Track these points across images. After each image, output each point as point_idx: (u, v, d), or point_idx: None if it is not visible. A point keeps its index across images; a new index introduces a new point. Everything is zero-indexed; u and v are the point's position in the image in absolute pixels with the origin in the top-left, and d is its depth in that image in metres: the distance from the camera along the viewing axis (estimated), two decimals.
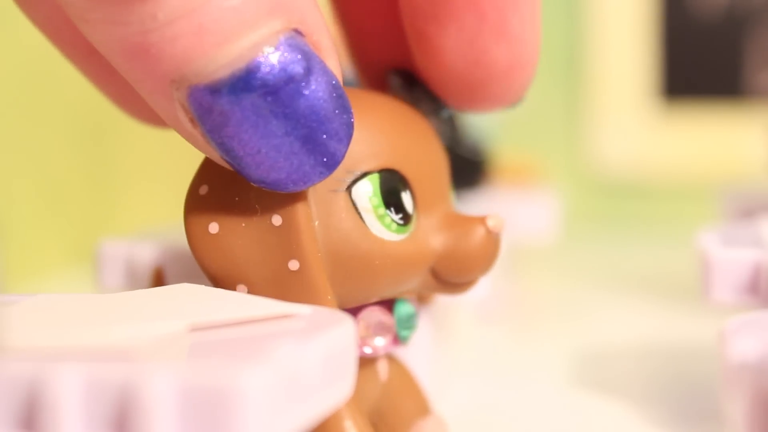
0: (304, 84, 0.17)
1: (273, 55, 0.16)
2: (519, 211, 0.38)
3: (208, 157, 0.18)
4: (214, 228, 0.18)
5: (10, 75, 0.44)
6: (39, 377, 0.14)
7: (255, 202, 0.18)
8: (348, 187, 0.19)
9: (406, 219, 0.19)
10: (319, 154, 0.17)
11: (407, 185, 0.19)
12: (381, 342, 0.20)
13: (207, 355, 0.15)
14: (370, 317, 0.19)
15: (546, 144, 0.70)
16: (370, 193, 0.19)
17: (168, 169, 0.55)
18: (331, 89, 0.17)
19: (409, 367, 0.21)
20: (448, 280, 0.20)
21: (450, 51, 0.20)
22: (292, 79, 0.17)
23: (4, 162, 0.43)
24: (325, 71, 0.17)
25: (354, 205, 0.19)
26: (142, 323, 0.16)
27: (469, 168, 0.37)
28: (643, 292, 0.45)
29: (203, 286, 0.18)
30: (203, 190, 0.18)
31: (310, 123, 0.17)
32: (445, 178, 0.20)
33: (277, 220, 0.18)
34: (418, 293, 0.20)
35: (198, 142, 0.17)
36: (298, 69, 0.17)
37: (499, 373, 0.33)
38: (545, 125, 0.71)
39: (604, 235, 0.65)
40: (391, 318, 0.20)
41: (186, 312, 0.16)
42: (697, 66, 0.70)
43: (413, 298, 0.21)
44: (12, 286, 0.41)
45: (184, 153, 0.18)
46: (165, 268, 0.23)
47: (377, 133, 0.19)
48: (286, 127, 0.17)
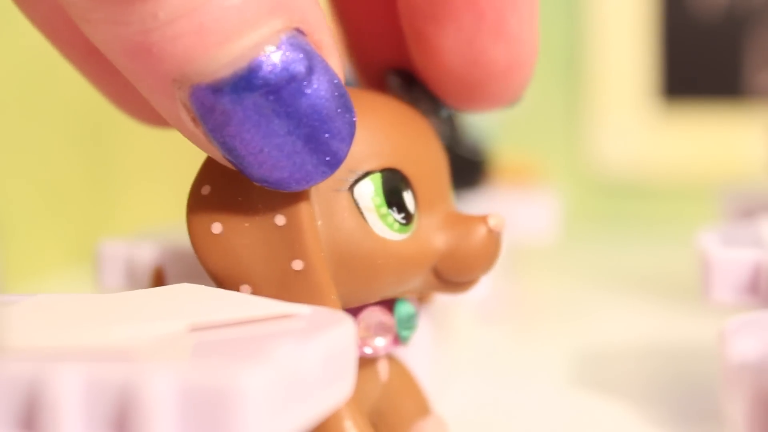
0: (306, 83, 0.17)
1: (275, 54, 0.16)
2: (519, 211, 0.38)
3: (210, 157, 0.18)
4: (217, 228, 0.18)
5: (10, 75, 0.44)
6: (39, 377, 0.14)
7: (258, 201, 0.18)
8: (350, 187, 0.19)
9: (408, 218, 0.19)
10: (322, 153, 0.17)
11: (408, 185, 0.19)
12: (381, 342, 0.20)
13: (207, 355, 0.15)
14: (370, 317, 0.19)
15: (546, 144, 0.70)
16: (372, 192, 0.19)
17: (168, 169, 0.55)
18: (333, 88, 0.17)
19: (409, 367, 0.21)
20: (450, 279, 0.20)
21: (448, 51, 0.20)
22: (293, 78, 0.17)
23: (4, 162, 0.43)
24: (327, 70, 0.17)
25: (356, 205, 0.19)
26: (142, 323, 0.16)
27: (469, 168, 0.37)
28: (643, 292, 0.45)
29: (203, 286, 0.18)
30: (205, 190, 0.18)
31: (312, 122, 0.17)
32: (446, 177, 0.20)
33: (280, 219, 0.18)
34: (419, 293, 0.20)
35: (200, 142, 0.17)
36: (300, 68, 0.17)
37: (499, 373, 0.33)
38: (545, 125, 0.71)
39: (604, 235, 0.65)
40: (392, 318, 0.20)
41: (186, 312, 0.16)
42: (697, 66, 0.70)
43: (413, 298, 0.21)
44: (12, 286, 0.41)
45: (184, 153, 0.18)
46: (165, 268, 0.23)
47: (379, 132, 0.19)
48: (288, 126, 0.17)
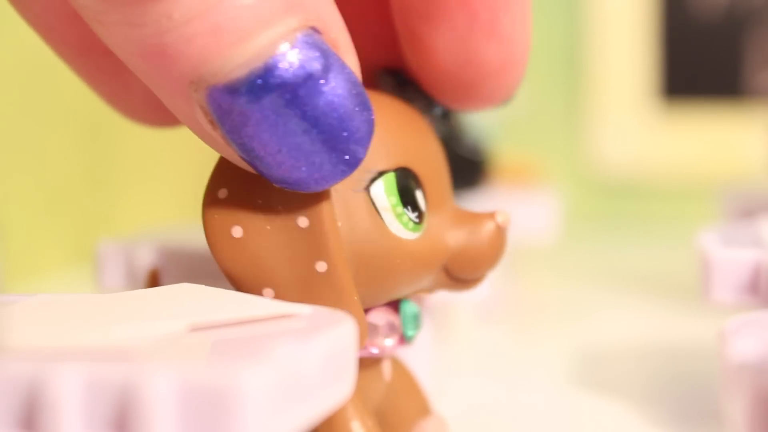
0: (322, 81, 0.16)
1: (291, 53, 0.16)
2: (519, 211, 0.38)
3: (223, 160, 0.18)
4: (238, 232, 0.18)
5: (9, 75, 0.44)
6: (39, 377, 0.14)
7: (278, 203, 0.18)
8: (367, 187, 0.19)
9: (421, 217, 0.19)
10: (341, 152, 0.17)
11: (419, 183, 0.19)
12: (390, 342, 0.20)
13: (207, 355, 0.15)
14: (379, 318, 0.19)
15: (546, 144, 0.70)
16: (388, 191, 0.19)
17: (168, 169, 0.55)
18: (350, 86, 0.17)
19: (410, 367, 0.21)
20: (460, 276, 0.20)
21: (441, 50, 0.20)
22: (310, 77, 0.16)
23: (4, 162, 0.43)
24: (344, 68, 0.17)
25: (373, 205, 0.19)
26: (142, 323, 0.16)
27: (469, 168, 0.37)
28: (643, 292, 0.45)
29: (203, 286, 0.18)
30: (222, 194, 0.18)
31: (330, 121, 0.17)
32: (447, 175, 0.20)
33: (303, 221, 0.18)
34: (429, 292, 0.20)
35: (217, 144, 0.17)
36: (317, 66, 0.16)
37: (499, 373, 0.33)
38: (545, 125, 0.71)
39: (604, 235, 0.65)
40: (398, 318, 0.20)
41: (186, 312, 0.16)
42: (697, 66, 0.70)
43: (416, 299, 0.21)
44: (12, 286, 0.41)
45: (185, 153, 0.17)
46: (162, 269, 0.23)
47: (389, 131, 0.19)
48: (305, 125, 0.17)
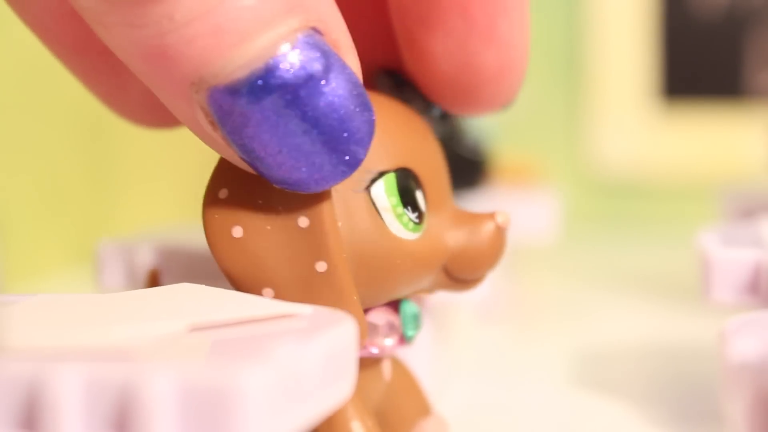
0: (323, 82, 0.16)
1: (291, 54, 0.16)
2: (519, 211, 0.38)
3: (224, 160, 0.18)
4: (238, 232, 0.18)
5: (9, 74, 0.44)
6: (39, 377, 0.14)
7: (278, 203, 0.18)
8: (367, 187, 0.19)
9: (421, 217, 0.19)
10: (341, 153, 0.17)
11: (419, 184, 0.19)
12: (390, 342, 0.20)
13: (207, 355, 0.15)
14: (379, 318, 0.19)
15: (546, 144, 0.70)
16: (389, 192, 0.19)
17: (168, 169, 0.55)
18: (350, 87, 0.17)
19: (410, 367, 0.21)
20: (460, 276, 0.20)
21: (439, 55, 0.20)
22: (311, 78, 0.16)
23: (4, 162, 0.43)
24: (344, 69, 0.17)
25: (374, 205, 0.19)
26: (142, 323, 0.16)
27: (469, 168, 0.37)
28: (643, 292, 0.45)
29: (203, 286, 0.18)
30: (223, 194, 0.18)
31: (330, 121, 0.17)
32: (446, 175, 0.20)
33: (303, 221, 0.18)
34: (428, 292, 0.20)
35: (218, 145, 0.17)
36: (318, 67, 0.16)
37: (499, 373, 0.33)
38: (545, 125, 0.71)
39: (604, 235, 0.65)
40: (398, 318, 0.20)
41: (186, 312, 0.16)
42: (697, 66, 0.70)
43: (416, 299, 0.21)
44: (12, 286, 0.41)
45: (185, 153, 0.17)
46: (162, 269, 0.23)
47: (390, 132, 0.19)
48: (306, 126, 0.17)
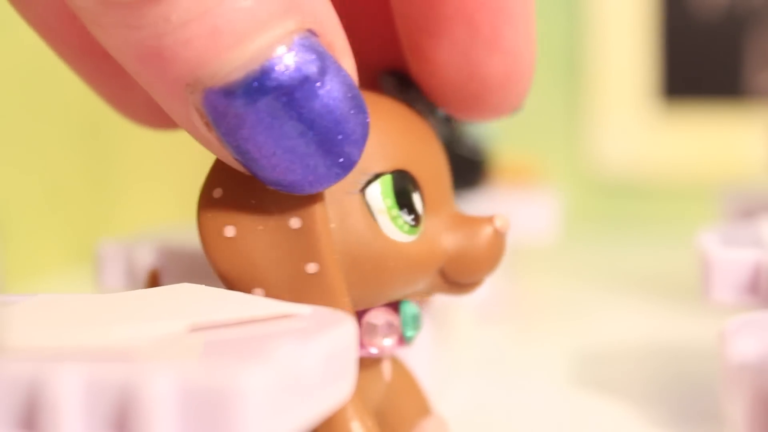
0: (318, 84, 0.17)
1: (287, 56, 0.16)
2: (519, 211, 0.38)
3: (219, 160, 0.18)
4: (231, 231, 0.18)
5: (9, 74, 0.44)
6: (39, 377, 0.14)
7: (271, 204, 0.18)
8: (362, 189, 0.19)
9: (417, 220, 0.19)
10: (336, 155, 0.17)
11: (417, 186, 0.19)
12: (388, 342, 0.20)
13: (207, 355, 0.15)
14: (377, 318, 0.19)
15: (546, 144, 0.70)
16: (384, 194, 0.19)
17: (168, 169, 0.55)
18: (345, 89, 0.17)
19: (410, 367, 0.21)
20: (456, 280, 0.20)
21: (444, 63, 0.20)
22: (306, 80, 0.16)
23: (5, 161, 0.43)
24: (340, 71, 0.17)
25: (368, 207, 0.19)
26: (142, 323, 0.16)
27: (469, 168, 0.37)
28: (643, 292, 0.45)
29: (203, 286, 0.18)
30: (217, 193, 0.18)
31: (325, 123, 0.17)
32: (448, 178, 0.20)
33: (295, 222, 0.18)
34: (424, 295, 0.20)
35: (213, 146, 0.17)
36: (313, 69, 0.16)
37: (499, 373, 0.33)
38: (545, 125, 0.71)
39: (604, 235, 0.65)
40: (397, 318, 0.20)
41: (186, 312, 0.16)
42: (697, 66, 0.70)
43: (416, 300, 0.21)
44: (12, 286, 0.41)
45: (185, 153, 0.18)
46: (162, 269, 0.23)
47: (387, 134, 0.19)
48: (301, 128, 0.17)
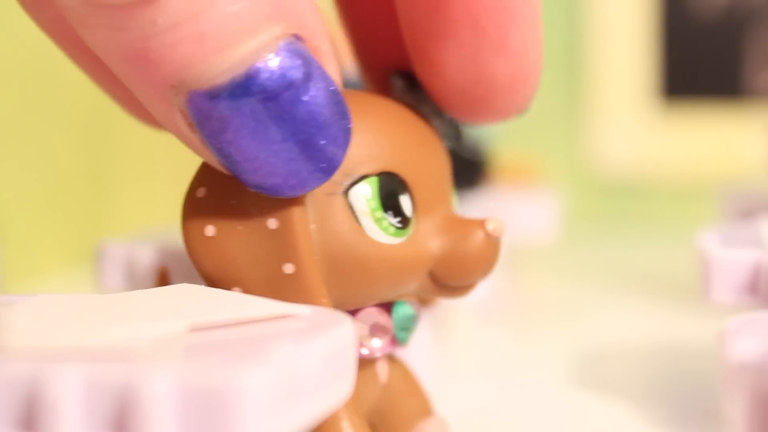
0: (303, 90, 0.17)
1: (273, 61, 0.16)
2: (519, 211, 0.38)
3: None
4: (211, 231, 0.18)
5: (10, 74, 0.44)
6: (39, 377, 0.14)
7: (251, 205, 0.18)
8: (345, 191, 0.19)
9: (405, 222, 0.19)
10: (317, 160, 0.17)
11: (406, 188, 0.19)
12: (378, 343, 0.19)
13: (206, 355, 0.15)
14: (367, 318, 0.19)
15: (546, 144, 0.70)
16: (368, 196, 0.19)
17: (168, 169, 0.55)
18: (329, 95, 0.17)
19: (410, 368, 0.21)
20: (447, 283, 0.20)
21: (450, 66, 0.20)
22: (291, 85, 0.17)
23: (5, 162, 0.43)
24: (324, 77, 0.17)
25: (351, 209, 0.19)
26: (142, 323, 0.16)
27: (469, 168, 0.37)
28: (643, 292, 0.45)
29: (203, 287, 0.18)
30: (201, 193, 0.18)
31: (308, 129, 0.17)
32: (447, 180, 0.20)
33: (272, 223, 0.18)
34: (417, 297, 0.20)
35: (196, 147, 0.17)
36: (298, 75, 0.17)
37: (499, 373, 0.33)
38: (545, 125, 0.71)
39: (604, 235, 0.65)
40: (389, 319, 0.20)
41: (186, 312, 0.16)
42: (697, 66, 0.70)
43: (414, 301, 0.21)
44: (12, 286, 0.41)
45: (185, 153, 0.18)
46: (170, 268, 0.23)
47: (377, 136, 0.19)
48: (284, 132, 0.17)
